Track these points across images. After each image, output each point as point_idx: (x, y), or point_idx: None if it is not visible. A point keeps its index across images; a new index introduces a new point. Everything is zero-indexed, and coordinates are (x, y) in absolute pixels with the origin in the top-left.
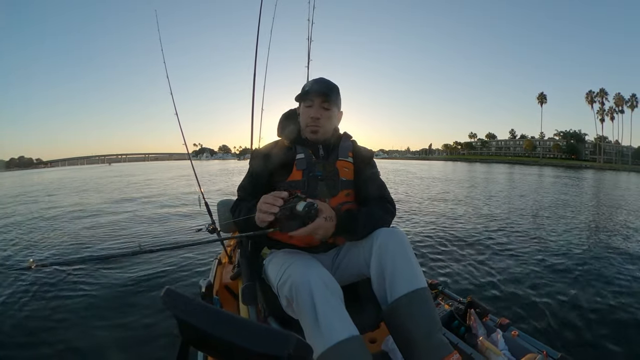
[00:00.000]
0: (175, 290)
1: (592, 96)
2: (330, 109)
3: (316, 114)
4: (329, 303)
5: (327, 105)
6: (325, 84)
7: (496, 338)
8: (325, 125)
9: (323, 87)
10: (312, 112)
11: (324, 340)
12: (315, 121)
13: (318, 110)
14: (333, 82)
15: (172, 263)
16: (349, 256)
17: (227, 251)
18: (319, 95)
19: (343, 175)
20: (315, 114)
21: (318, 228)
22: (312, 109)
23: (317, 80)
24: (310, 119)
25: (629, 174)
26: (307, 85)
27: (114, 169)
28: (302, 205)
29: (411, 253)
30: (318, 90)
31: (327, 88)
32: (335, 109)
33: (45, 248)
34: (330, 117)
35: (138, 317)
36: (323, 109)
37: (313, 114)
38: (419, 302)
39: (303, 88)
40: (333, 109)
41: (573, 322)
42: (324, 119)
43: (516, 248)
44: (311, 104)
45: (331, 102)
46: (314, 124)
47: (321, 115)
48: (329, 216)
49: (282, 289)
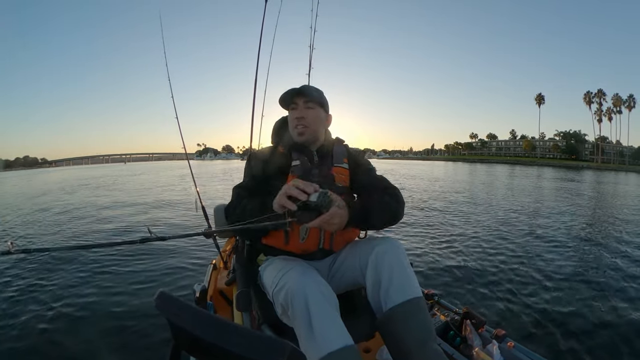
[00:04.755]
0: (169, 294)
1: (590, 97)
2: (314, 108)
3: (300, 114)
4: (324, 312)
5: (310, 104)
6: (302, 86)
7: (492, 349)
8: (312, 125)
9: (302, 87)
10: (296, 113)
11: (318, 349)
12: (301, 120)
13: (301, 110)
14: (313, 86)
15: (166, 266)
16: (345, 265)
17: (223, 256)
18: (299, 95)
19: (339, 181)
20: (300, 114)
21: (334, 216)
22: (296, 111)
23: (295, 87)
24: (296, 120)
25: (626, 174)
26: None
27: (130, 167)
28: (315, 195)
29: (407, 263)
30: (297, 90)
31: (307, 88)
32: (321, 109)
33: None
34: (316, 117)
35: (130, 320)
36: (307, 108)
37: (297, 114)
38: (413, 311)
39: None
40: (318, 108)
41: (570, 333)
42: (309, 119)
43: (512, 258)
44: (295, 106)
45: (314, 101)
46: (300, 124)
47: (306, 115)
48: (340, 204)
49: (278, 296)
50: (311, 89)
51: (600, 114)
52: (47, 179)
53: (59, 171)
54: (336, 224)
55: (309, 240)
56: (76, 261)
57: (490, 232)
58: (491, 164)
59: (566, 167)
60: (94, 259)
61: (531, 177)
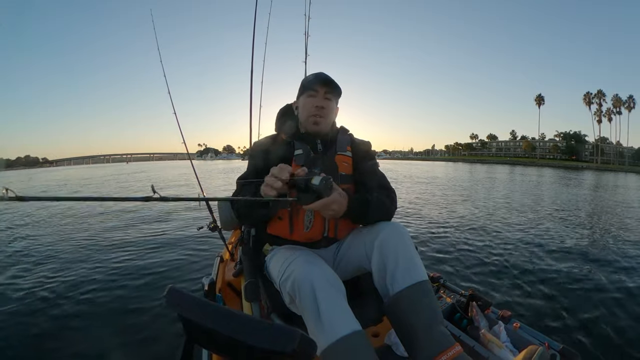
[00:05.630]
0: (178, 289)
1: (589, 97)
2: (332, 100)
3: (321, 103)
4: (331, 299)
5: (330, 95)
6: (328, 76)
7: (498, 330)
8: (328, 116)
9: (327, 77)
10: (317, 101)
11: (327, 336)
12: (320, 110)
13: (321, 100)
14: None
15: (174, 261)
16: (351, 251)
17: (229, 248)
18: (323, 84)
19: (342, 169)
20: (320, 103)
21: (333, 202)
22: (315, 99)
23: (319, 73)
24: (315, 108)
25: (626, 175)
26: (309, 77)
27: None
28: (318, 179)
29: (412, 247)
30: (323, 79)
31: (330, 79)
32: (335, 102)
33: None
34: (331, 108)
35: (140, 316)
36: (326, 99)
37: (317, 102)
38: (420, 294)
39: (304, 80)
40: (334, 101)
41: (575, 314)
42: (327, 109)
43: (517, 241)
44: (315, 93)
45: (334, 93)
46: (318, 113)
47: (326, 106)
48: (342, 194)
49: (285, 286)
50: (335, 82)
51: (599, 115)
52: (50, 177)
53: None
54: (334, 210)
55: (313, 229)
56: (82, 257)
57: (492, 221)
58: (491, 164)
59: (565, 167)
60: (99, 257)
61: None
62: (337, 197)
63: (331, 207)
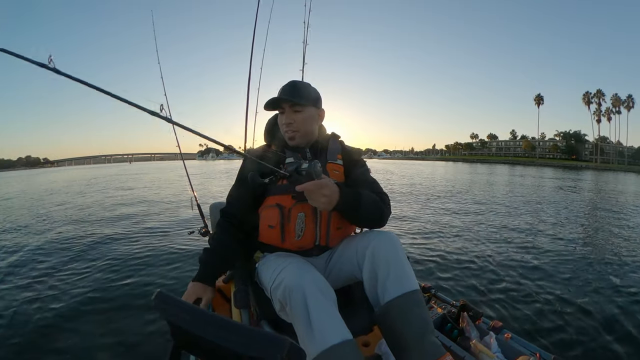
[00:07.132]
0: (167, 293)
1: (589, 97)
2: (302, 110)
3: (287, 119)
4: (322, 307)
5: (298, 107)
6: (290, 87)
7: (489, 341)
8: (302, 128)
9: (286, 92)
10: (284, 118)
11: (317, 344)
12: (289, 126)
13: (289, 115)
14: (302, 82)
15: (163, 265)
16: (342, 259)
17: None
18: (284, 100)
19: (333, 177)
20: (287, 120)
21: (325, 186)
22: (283, 115)
23: (284, 86)
24: (284, 126)
25: (625, 174)
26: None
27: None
28: (306, 164)
29: (404, 256)
30: (282, 95)
31: (291, 91)
32: (311, 108)
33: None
34: (305, 118)
35: (128, 321)
36: (295, 112)
37: (285, 120)
38: (411, 304)
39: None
40: (307, 108)
41: (566, 324)
42: (298, 123)
43: (511, 251)
44: (282, 110)
45: (301, 104)
46: (289, 129)
47: (294, 120)
48: (333, 181)
49: (275, 293)
50: (297, 89)
51: (599, 115)
52: (53, 178)
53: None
54: (326, 196)
55: (305, 237)
56: (74, 257)
57: (486, 228)
58: (491, 164)
59: (564, 167)
60: (89, 258)
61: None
62: (328, 181)
63: (323, 192)
